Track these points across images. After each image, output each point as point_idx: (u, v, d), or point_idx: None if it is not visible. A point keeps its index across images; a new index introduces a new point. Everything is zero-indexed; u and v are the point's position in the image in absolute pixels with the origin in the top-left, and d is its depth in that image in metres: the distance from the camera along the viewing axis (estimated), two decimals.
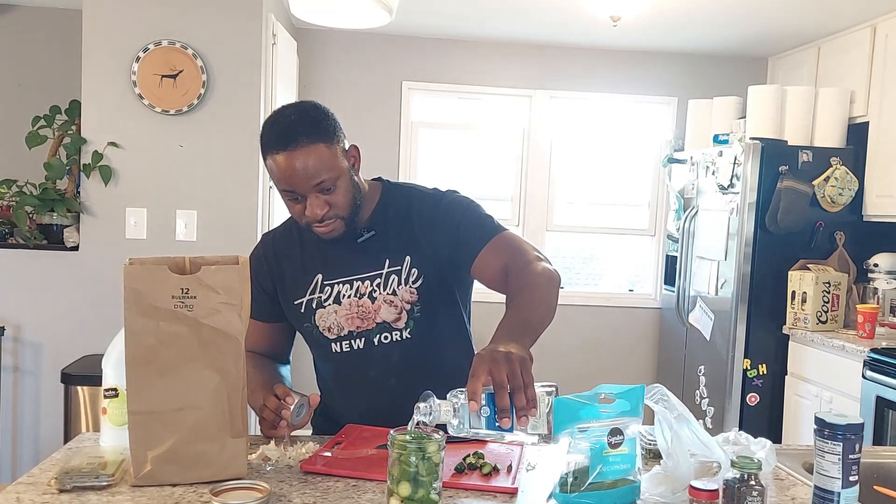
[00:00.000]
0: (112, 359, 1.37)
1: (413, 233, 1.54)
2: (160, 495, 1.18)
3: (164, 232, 3.27)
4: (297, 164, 1.40)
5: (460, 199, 1.58)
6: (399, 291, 1.52)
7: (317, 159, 1.40)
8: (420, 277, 1.52)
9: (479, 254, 1.49)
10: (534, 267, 1.43)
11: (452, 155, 4.49)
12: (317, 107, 1.48)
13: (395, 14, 2.11)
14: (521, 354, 1.17)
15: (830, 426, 1.13)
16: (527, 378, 1.12)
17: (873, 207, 3.53)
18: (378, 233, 1.55)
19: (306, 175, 1.40)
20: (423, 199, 1.58)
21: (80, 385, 2.98)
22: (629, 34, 4.07)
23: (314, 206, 1.43)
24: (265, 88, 3.32)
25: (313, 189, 1.42)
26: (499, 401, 1.09)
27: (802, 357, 3.49)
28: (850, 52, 3.74)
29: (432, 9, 3.79)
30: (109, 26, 3.20)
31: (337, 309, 1.55)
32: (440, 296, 1.55)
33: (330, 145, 1.43)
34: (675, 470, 1.22)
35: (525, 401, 1.10)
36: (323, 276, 1.56)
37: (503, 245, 1.50)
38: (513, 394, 1.10)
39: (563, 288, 4.81)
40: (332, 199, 1.44)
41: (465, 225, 1.52)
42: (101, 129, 3.22)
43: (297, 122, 1.43)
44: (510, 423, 1.09)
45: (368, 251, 1.54)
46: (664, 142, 4.53)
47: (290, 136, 1.40)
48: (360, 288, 1.53)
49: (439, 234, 1.53)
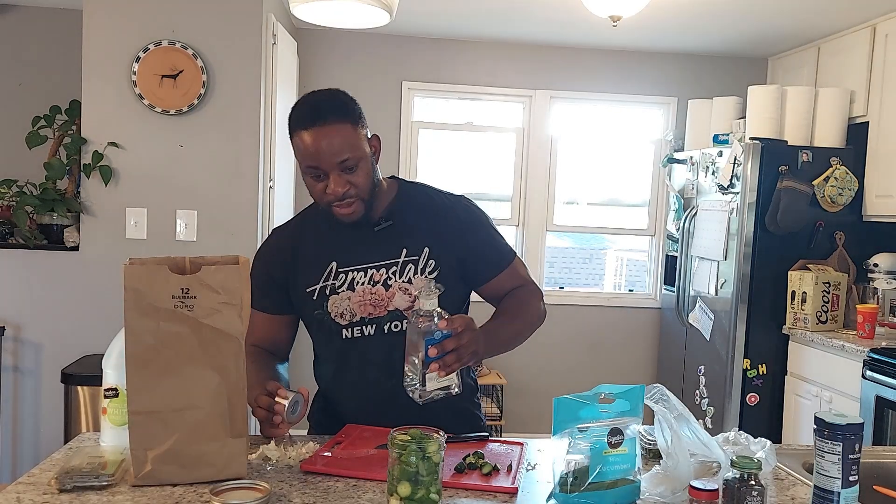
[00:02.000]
0: (112, 359, 1.37)
1: (434, 226, 1.60)
2: (160, 495, 1.18)
3: (164, 232, 3.27)
4: (323, 140, 1.45)
5: (482, 213, 1.68)
6: (415, 280, 1.56)
7: (342, 138, 1.46)
8: (437, 269, 1.57)
9: (496, 276, 1.64)
10: (532, 307, 1.64)
11: (452, 155, 4.49)
12: (345, 92, 1.55)
13: (395, 14, 2.11)
14: (482, 351, 1.43)
15: (830, 426, 1.13)
16: (464, 359, 1.37)
17: (873, 207, 3.54)
18: (395, 223, 1.59)
19: (331, 151, 1.45)
20: (445, 200, 1.65)
21: (80, 385, 2.99)
22: (629, 34, 4.07)
23: (336, 184, 1.48)
24: (265, 88, 3.32)
25: (336, 167, 1.47)
26: (447, 342, 1.35)
27: (802, 357, 3.49)
28: (849, 52, 3.74)
29: (432, 9, 3.79)
30: (109, 26, 3.20)
31: (350, 295, 1.57)
32: (452, 290, 1.58)
33: (355, 127, 1.49)
34: (675, 470, 1.22)
35: (450, 361, 1.35)
36: (337, 264, 1.59)
37: (515, 274, 1.66)
38: (452, 352, 1.35)
39: (563, 288, 4.79)
40: (353, 178, 1.49)
41: (492, 245, 1.66)
42: (101, 129, 3.22)
43: (326, 101, 1.50)
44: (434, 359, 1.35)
45: (385, 240, 1.58)
46: (664, 142, 4.53)
47: (320, 113, 1.46)
48: (375, 276, 1.57)
49: (465, 240, 1.61)
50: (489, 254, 1.64)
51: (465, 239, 1.60)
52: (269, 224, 3.40)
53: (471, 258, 1.61)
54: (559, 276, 4.68)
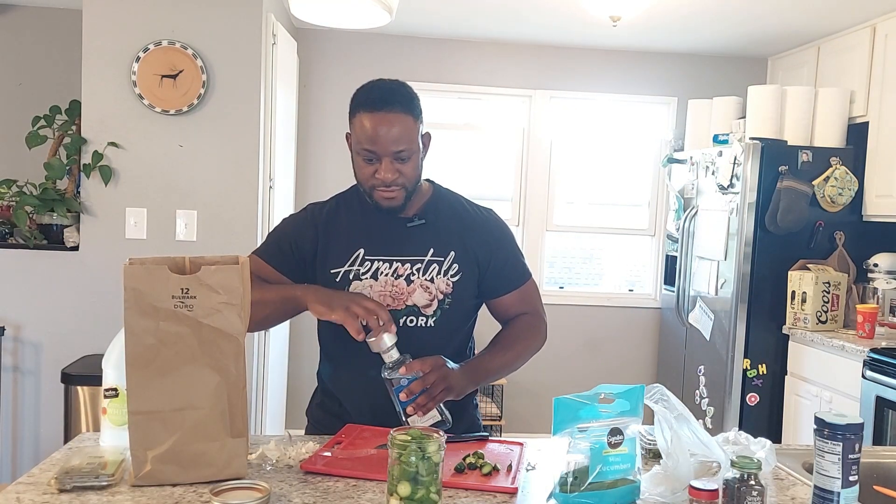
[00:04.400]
0: (112, 359, 1.37)
1: (464, 233, 1.64)
2: (160, 495, 1.18)
3: (164, 232, 3.27)
4: (385, 126, 1.50)
5: (509, 230, 1.74)
6: (437, 280, 1.60)
7: (403, 128, 1.52)
8: (459, 274, 1.61)
9: (507, 294, 1.69)
10: (533, 335, 1.70)
11: (452, 155, 4.49)
12: (408, 85, 1.60)
13: (395, 14, 2.11)
14: (457, 385, 1.50)
15: (830, 426, 1.13)
16: (437, 396, 1.45)
17: (873, 207, 3.53)
18: (428, 222, 1.64)
19: (390, 139, 1.50)
20: (479, 211, 1.71)
21: (80, 385, 2.99)
22: (629, 34, 4.07)
23: (387, 170, 1.52)
24: (265, 88, 3.32)
25: (391, 154, 1.52)
26: (414, 385, 1.44)
27: (802, 357, 3.49)
28: (849, 52, 3.74)
29: (432, 9, 3.79)
30: (109, 26, 3.20)
31: (372, 284, 1.60)
32: (469, 297, 1.65)
33: (416, 121, 1.55)
34: (675, 470, 1.22)
35: (423, 402, 1.44)
36: (365, 251, 1.62)
37: (525, 297, 1.71)
38: (424, 392, 1.44)
39: (563, 288, 4.78)
40: (403, 168, 1.54)
41: (512, 263, 1.70)
42: (101, 129, 3.22)
43: (396, 91, 1.55)
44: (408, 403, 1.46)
45: (415, 237, 1.62)
46: (664, 142, 4.53)
47: (388, 100, 1.52)
48: (399, 269, 1.60)
49: (490, 253, 1.65)
50: (507, 271, 1.68)
51: (491, 252, 1.65)
52: (269, 224, 3.39)
53: (491, 272, 1.66)
54: (559, 276, 4.68)
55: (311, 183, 4.27)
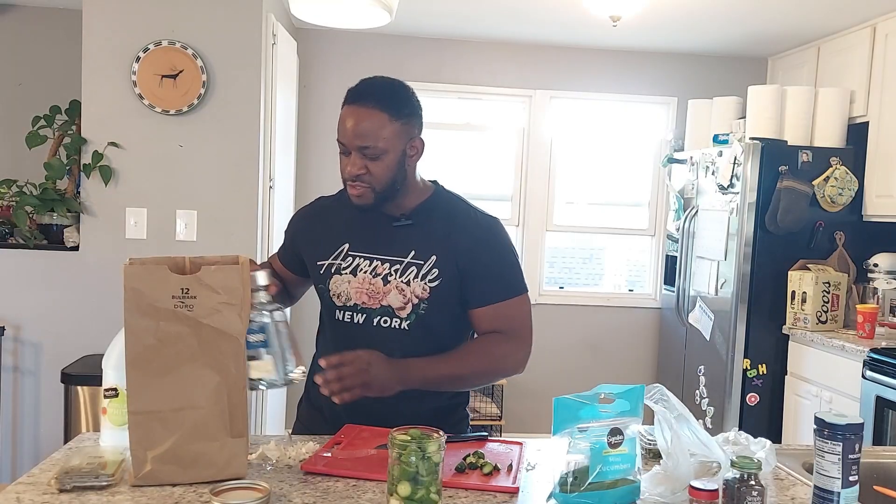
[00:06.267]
0: (112, 359, 1.37)
1: (449, 237, 1.59)
2: (160, 495, 1.18)
3: (164, 232, 3.27)
4: (353, 119, 1.50)
5: (505, 239, 1.64)
6: (413, 284, 1.56)
7: (372, 125, 1.49)
8: (439, 279, 1.56)
9: (487, 305, 1.58)
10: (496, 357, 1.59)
11: (452, 155, 4.49)
12: (405, 87, 1.57)
13: (395, 14, 2.11)
14: (378, 383, 1.44)
15: (830, 426, 1.13)
16: (354, 391, 1.41)
17: (873, 207, 3.53)
18: (416, 223, 1.61)
19: (356, 133, 1.49)
20: (470, 216, 1.64)
21: (80, 385, 2.98)
22: (629, 34, 4.07)
23: (353, 165, 1.52)
24: (265, 88, 3.32)
25: (356, 148, 1.51)
26: (331, 373, 1.40)
27: (802, 357, 3.49)
28: (849, 52, 3.74)
29: (432, 9, 3.79)
30: (109, 26, 3.20)
31: (351, 280, 1.60)
32: (448, 303, 1.58)
33: (393, 119, 1.51)
34: (675, 470, 1.22)
35: (336, 390, 1.40)
36: (350, 246, 1.62)
37: (504, 315, 1.59)
38: (339, 381, 1.40)
39: (563, 288, 4.78)
40: (371, 166, 1.51)
41: (497, 273, 1.59)
42: (101, 129, 3.22)
43: (376, 87, 1.54)
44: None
45: (399, 237, 1.60)
46: (664, 142, 4.53)
47: (364, 95, 1.51)
48: (378, 268, 1.59)
49: (472, 256, 1.57)
50: (486, 283, 1.57)
51: (473, 255, 1.57)
52: (269, 224, 3.40)
53: (470, 276, 1.57)
54: (559, 276, 4.68)
55: (312, 183, 4.27)
